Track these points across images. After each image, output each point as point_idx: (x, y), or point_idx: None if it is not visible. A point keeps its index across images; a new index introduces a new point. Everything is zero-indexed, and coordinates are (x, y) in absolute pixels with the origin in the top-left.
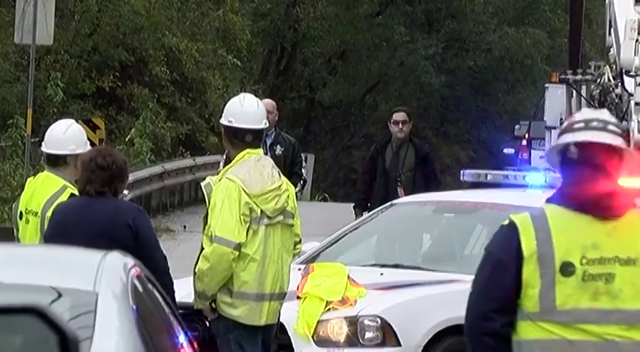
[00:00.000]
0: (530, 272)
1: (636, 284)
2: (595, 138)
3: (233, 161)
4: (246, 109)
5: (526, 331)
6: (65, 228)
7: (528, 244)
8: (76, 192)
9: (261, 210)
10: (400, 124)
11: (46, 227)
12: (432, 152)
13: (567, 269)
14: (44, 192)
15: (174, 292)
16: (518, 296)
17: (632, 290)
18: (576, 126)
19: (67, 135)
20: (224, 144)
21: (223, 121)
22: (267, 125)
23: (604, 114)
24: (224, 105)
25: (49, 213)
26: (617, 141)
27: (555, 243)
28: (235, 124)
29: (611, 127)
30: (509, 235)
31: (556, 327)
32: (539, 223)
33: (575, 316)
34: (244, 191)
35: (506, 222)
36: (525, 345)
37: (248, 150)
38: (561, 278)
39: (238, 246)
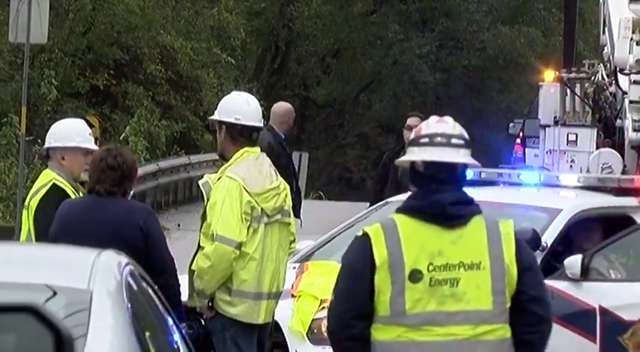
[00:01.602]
0: (382, 280)
1: (480, 287)
2: (438, 157)
3: (232, 159)
4: (253, 107)
5: (379, 333)
6: (76, 228)
7: (380, 253)
8: (63, 186)
9: (262, 209)
10: (413, 129)
11: (29, 217)
12: None
13: (415, 276)
14: (35, 185)
15: (180, 293)
16: (373, 301)
17: (477, 293)
18: (422, 141)
19: (51, 130)
20: (222, 142)
21: (227, 119)
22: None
23: (448, 126)
24: (218, 103)
25: (32, 204)
26: (459, 156)
27: (405, 251)
28: (243, 122)
29: (454, 141)
30: (362, 245)
31: (405, 329)
32: (389, 233)
33: (423, 318)
34: (245, 189)
35: (360, 234)
36: (378, 346)
37: (247, 148)
38: (410, 284)
39: (239, 245)
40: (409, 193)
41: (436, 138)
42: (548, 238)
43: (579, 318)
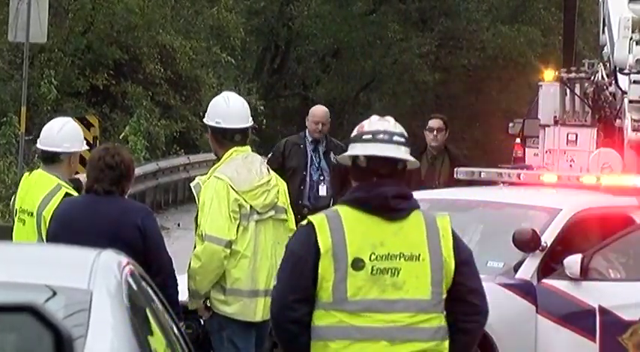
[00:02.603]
0: (325, 267)
1: (419, 277)
2: (380, 152)
3: (221, 160)
4: (233, 109)
5: (321, 318)
6: (74, 227)
7: (324, 242)
8: (71, 191)
9: (251, 206)
10: (435, 132)
11: (43, 227)
12: (469, 164)
13: (358, 264)
14: (38, 191)
15: (178, 293)
16: (316, 287)
17: (416, 282)
18: (365, 137)
19: (62, 133)
20: (211, 144)
21: (210, 122)
22: (252, 122)
23: (390, 124)
24: (200, 103)
25: (45, 213)
26: (400, 152)
27: (348, 241)
28: (224, 125)
29: (396, 138)
30: (307, 234)
31: (347, 315)
32: (334, 223)
33: (364, 305)
34: (232, 188)
35: (304, 223)
36: (320, 331)
37: (235, 148)
38: (352, 272)
39: (229, 244)
40: (420, 191)
41: (379, 134)
42: (547, 238)
43: (579, 318)
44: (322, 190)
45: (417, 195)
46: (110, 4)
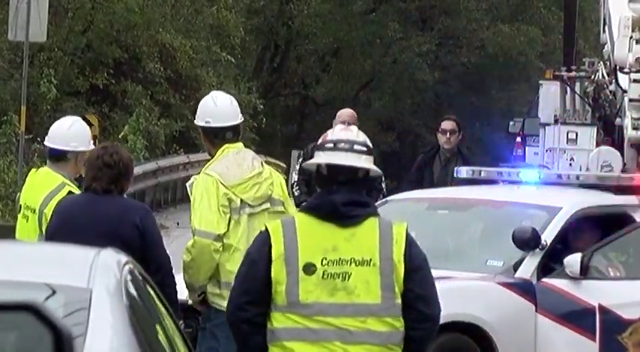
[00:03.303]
0: (277, 271)
1: (370, 282)
2: (339, 160)
3: (214, 158)
4: (221, 108)
5: (277, 321)
6: (73, 225)
7: (277, 247)
8: (74, 190)
9: (242, 200)
10: (448, 134)
11: (44, 224)
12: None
13: (309, 268)
14: (42, 188)
15: (177, 292)
16: (270, 291)
17: (366, 287)
18: (327, 146)
19: (70, 132)
20: (204, 144)
21: (200, 123)
22: (242, 119)
23: (352, 133)
24: (199, 102)
25: (47, 210)
26: (360, 161)
27: (300, 246)
28: (213, 124)
29: (356, 147)
30: (263, 240)
31: (301, 318)
32: (288, 229)
33: (316, 309)
34: (221, 183)
35: (263, 229)
36: (277, 332)
37: (227, 144)
38: (304, 276)
39: (219, 237)
40: (420, 190)
41: (340, 144)
42: (547, 236)
43: (579, 317)
44: None
45: (417, 194)
46: (110, 3)
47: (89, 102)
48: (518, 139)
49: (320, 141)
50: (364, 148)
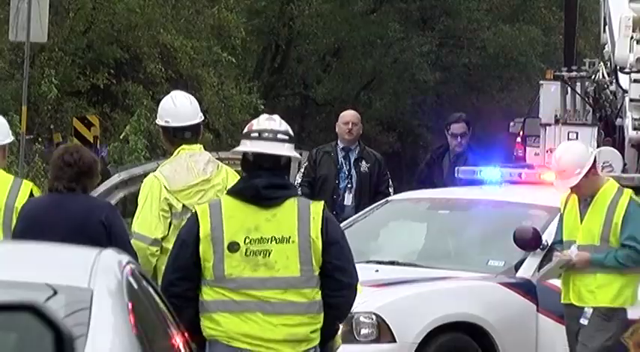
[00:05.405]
0: (205, 250)
1: (289, 257)
2: (264, 149)
3: (170, 158)
4: (180, 108)
5: (207, 294)
6: (39, 226)
7: (204, 228)
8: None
9: (184, 205)
10: (459, 138)
11: (13, 219)
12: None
13: (233, 246)
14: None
15: None
16: (199, 267)
17: (286, 262)
18: (252, 135)
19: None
20: (163, 143)
21: (160, 122)
22: (203, 118)
23: (275, 123)
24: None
25: (17, 205)
26: (283, 149)
27: (225, 226)
28: (172, 124)
29: (280, 136)
30: (192, 221)
31: (227, 291)
32: (214, 211)
33: (240, 283)
34: (165, 187)
35: (193, 211)
36: (207, 305)
37: (184, 146)
38: (229, 254)
39: (155, 242)
40: (420, 190)
41: (264, 133)
42: (548, 236)
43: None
44: (348, 199)
45: (418, 194)
46: (111, 4)
47: (90, 102)
48: (519, 140)
49: (246, 129)
50: (286, 137)
